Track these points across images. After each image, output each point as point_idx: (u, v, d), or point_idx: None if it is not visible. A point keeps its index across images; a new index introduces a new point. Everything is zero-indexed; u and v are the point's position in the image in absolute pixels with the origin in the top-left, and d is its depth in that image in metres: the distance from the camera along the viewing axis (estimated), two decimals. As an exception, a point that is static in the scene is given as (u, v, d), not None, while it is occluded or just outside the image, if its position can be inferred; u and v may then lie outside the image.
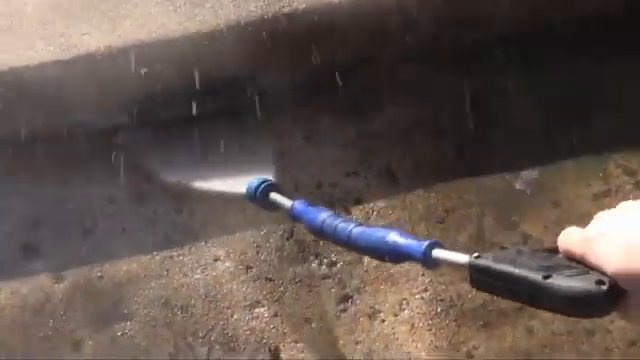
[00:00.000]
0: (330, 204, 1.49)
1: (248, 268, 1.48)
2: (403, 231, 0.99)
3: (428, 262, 0.93)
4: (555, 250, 0.74)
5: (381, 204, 1.51)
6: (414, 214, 1.50)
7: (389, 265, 1.41)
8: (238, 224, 1.50)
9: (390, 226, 1.07)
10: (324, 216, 1.13)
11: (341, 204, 1.51)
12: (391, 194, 1.51)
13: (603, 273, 0.66)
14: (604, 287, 0.66)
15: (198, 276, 1.47)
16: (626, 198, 1.44)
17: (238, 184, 1.29)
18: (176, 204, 1.51)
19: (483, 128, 1.55)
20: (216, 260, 1.49)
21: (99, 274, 1.49)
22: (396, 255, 0.99)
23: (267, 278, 1.46)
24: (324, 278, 1.46)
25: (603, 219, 0.70)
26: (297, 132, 1.55)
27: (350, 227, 1.05)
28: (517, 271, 0.72)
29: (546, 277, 0.69)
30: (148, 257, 1.49)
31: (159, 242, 1.50)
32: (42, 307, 1.48)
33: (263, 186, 1.31)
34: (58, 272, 1.49)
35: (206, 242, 1.49)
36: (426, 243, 0.93)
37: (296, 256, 1.47)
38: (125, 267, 1.48)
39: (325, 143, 1.54)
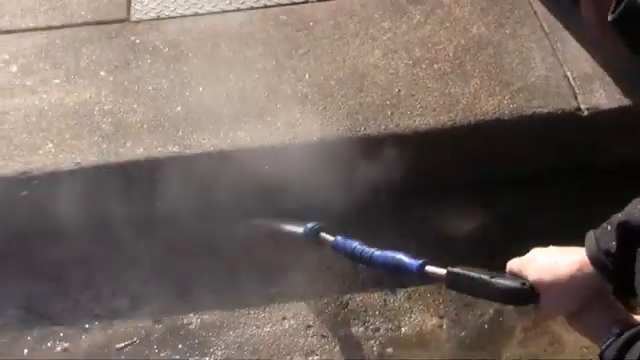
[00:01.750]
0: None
1: (308, 327, 1.91)
2: (409, 254, 1.50)
3: (421, 274, 1.43)
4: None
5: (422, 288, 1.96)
6: (447, 297, 1.93)
7: (424, 329, 1.84)
8: (306, 293, 1.96)
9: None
10: (355, 244, 1.64)
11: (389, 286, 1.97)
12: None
13: (524, 280, 1.16)
14: (525, 285, 1.15)
15: (268, 329, 1.92)
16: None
17: None
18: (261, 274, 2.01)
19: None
20: (284, 319, 1.94)
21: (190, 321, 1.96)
22: (400, 268, 1.50)
23: (322, 335, 1.89)
24: (368, 339, 1.88)
25: (534, 252, 1.20)
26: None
27: (372, 251, 1.56)
28: (475, 274, 1.23)
29: (492, 277, 1.20)
30: (231, 312, 1.95)
31: (240, 301, 1.97)
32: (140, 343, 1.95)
33: (316, 227, 1.82)
34: (157, 317, 1.97)
35: (278, 304, 1.95)
36: (421, 261, 1.43)
37: (348, 321, 1.90)
38: (211, 318, 1.95)
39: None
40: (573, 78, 2.19)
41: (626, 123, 2.08)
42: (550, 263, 1.13)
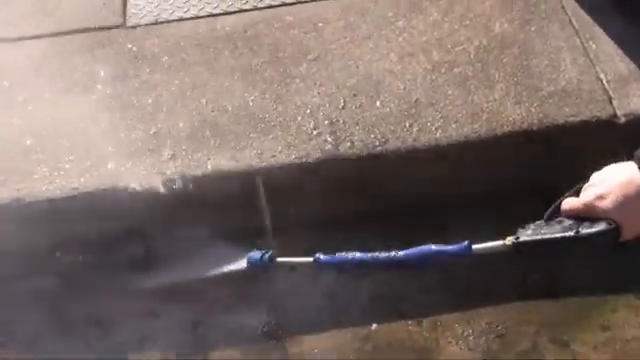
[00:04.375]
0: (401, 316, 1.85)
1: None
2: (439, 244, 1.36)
3: (469, 255, 1.28)
4: (553, 215, 1.17)
5: (448, 317, 1.85)
6: (477, 328, 1.82)
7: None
8: (325, 327, 1.87)
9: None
10: (357, 254, 1.46)
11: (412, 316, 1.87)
12: (458, 309, 1.86)
13: (606, 219, 1.10)
14: (613, 225, 1.09)
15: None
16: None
17: None
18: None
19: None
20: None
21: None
22: (439, 258, 1.35)
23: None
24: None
25: (595, 186, 1.13)
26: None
27: (392, 253, 1.40)
28: (555, 236, 1.13)
29: (577, 232, 1.11)
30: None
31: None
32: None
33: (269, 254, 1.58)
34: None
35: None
36: (466, 242, 1.29)
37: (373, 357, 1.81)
38: None
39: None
40: (607, 81, 2.06)
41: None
42: (619, 192, 1.11)
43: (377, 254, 1.46)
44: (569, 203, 1.16)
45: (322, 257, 1.53)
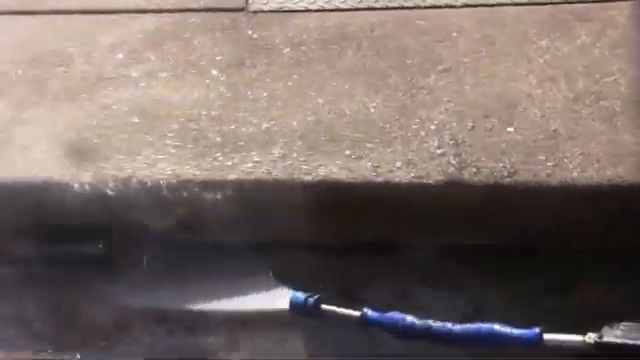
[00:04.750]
0: None
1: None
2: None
3: (538, 345, 1.15)
4: None
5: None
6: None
7: None
8: None
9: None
10: (410, 318, 1.34)
11: None
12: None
13: None
14: None
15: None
16: None
17: None
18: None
19: None
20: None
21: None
22: (507, 341, 1.20)
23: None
24: None
25: None
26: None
27: (448, 324, 1.26)
28: None
29: None
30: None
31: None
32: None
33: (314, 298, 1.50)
34: None
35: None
36: (537, 329, 1.13)
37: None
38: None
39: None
40: None
41: None
42: None
43: (431, 322, 1.37)
44: None
45: (370, 313, 1.47)
